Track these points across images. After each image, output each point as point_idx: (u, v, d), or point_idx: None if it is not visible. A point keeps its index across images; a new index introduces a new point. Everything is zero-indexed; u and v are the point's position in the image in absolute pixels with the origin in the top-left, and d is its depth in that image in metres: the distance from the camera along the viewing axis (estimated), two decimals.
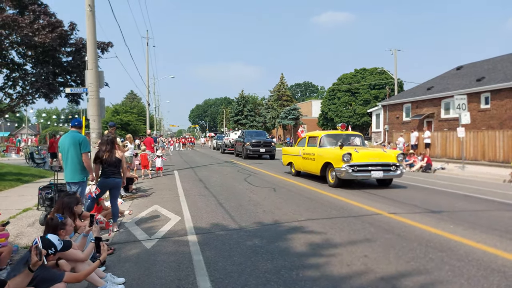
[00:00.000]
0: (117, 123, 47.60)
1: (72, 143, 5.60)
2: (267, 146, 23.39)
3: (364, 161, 10.02)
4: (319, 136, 11.90)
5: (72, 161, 5.61)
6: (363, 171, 9.93)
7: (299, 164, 12.87)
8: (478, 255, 4.49)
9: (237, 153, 26.11)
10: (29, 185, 11.02)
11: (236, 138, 27.80)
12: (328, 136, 11.91)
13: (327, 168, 10.79)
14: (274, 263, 4.33)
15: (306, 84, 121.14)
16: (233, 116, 68.95)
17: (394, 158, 10.30)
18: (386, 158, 10.34)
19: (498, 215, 6.83)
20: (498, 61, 26.16)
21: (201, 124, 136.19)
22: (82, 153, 5.64)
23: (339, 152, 10.08)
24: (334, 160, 10.19)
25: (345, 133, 12.27)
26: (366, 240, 5.21)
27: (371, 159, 10.15)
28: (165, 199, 8.92)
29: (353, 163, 9.84)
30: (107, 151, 6.02)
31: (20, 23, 13.15)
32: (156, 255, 4.72)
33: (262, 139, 23.84)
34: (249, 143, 23.19)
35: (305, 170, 12.45)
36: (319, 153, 11.26)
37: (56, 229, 3.68)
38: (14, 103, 16.06)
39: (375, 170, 10.00)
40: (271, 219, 6.62)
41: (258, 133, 26.48)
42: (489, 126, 22.46)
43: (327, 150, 10.99)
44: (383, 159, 10.29)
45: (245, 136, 24.90)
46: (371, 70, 50.69)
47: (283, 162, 14.59)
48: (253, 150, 23.01)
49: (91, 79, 11.99)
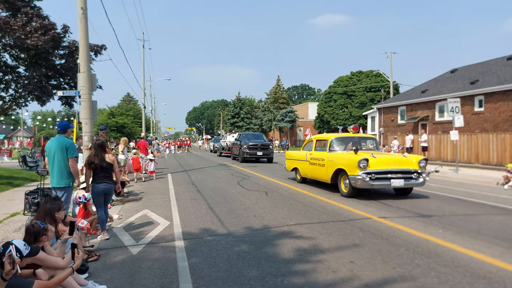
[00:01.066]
0: (113, 125, 47.44)
1: (58, 147, 5.54)
2: (265, 149, 22.64)
3: (382, 168, 8.86)
4: (328, 139, 10.67)
5: (58, 166, 5.54)
6: (381, 179, 8.78)
7: (306, 170, 11.68)
8: (465, 261, 4.47)
9: (234, 156, 25.42)
10: (19, 189, 10.92)
11: (233, 141, 27.15)
12: (339, 139, 10.70)
13: (339, 175, 9.62)
14: (260, 270, 4.29)
15: (303, 86, 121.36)
16: (230, 119, 68.99)
17: (416, 164, 9.14)
18: (407, 164, 9.15)
19: (488, 220, 6.83)
20: (492, 64, 26.30)
21: (198, 127, 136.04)
22: (69, 158, 5.58)
23: (354, 157, 8.95)
24: (348, 167, 9.04)
25: (357, 136, 11.02)
26: (354, 245, 5.18)
27: (390, 166, 8.98)
28: (156, 203, 8.85)
29: (371, 170, 8.68)
30: (95, 155, 5.93)
31: (12, 25, 13.09)
32: (142, 262, 4.67)
33: (259, 142, 23.05)
34: (246, 146, 22.52)
35: (313, 177, 11.27)
36: (329, 158, 10.03)
37: (38, 235, 3.63)
38: (7, 106, 15.96)
39: (395, 178, 8.83)
40: (261, 224, 6.58)
41: (255, 136, 25.80)
42: (483, 129, 22.55)
43: (339, 155, 9.84)
44: (403, 166, 9.09)
45: (242, 139, 24.22)
46: (367, 72, 50.83)
47: (287, 167, 13.35)
48: (250, 153, 22.33)
49: (83, 82, 11.94)
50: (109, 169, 6.00)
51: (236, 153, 24.44)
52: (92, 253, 4.79)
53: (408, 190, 9.55)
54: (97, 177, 5.94)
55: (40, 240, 3.61)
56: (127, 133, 46.69)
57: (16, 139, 76.92)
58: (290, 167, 13.12)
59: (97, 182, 5.93)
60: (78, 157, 5.77)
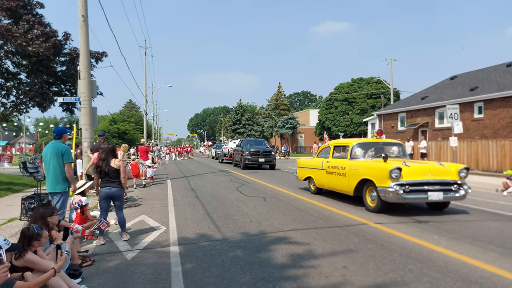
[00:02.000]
0: (114, 132, 47.62)
1: (54, 153, 5.59)
2: (267, 155, 22.09)
3: (418, 179, 7.63)
4: (350, 145, 9.43)
5: (54, 172, 5.59)
6: (417, 192, 7.54)
7: (322, 179, 10.43)
8: (458, 267, 4.47)
9: (236, 163, 24.92)
10: (18, 194, 10.96)
11: (235, 147, 26.72)
12: (362, 145, 9.46)
13: (364, 186, 8.44)
14: (253, 275, 4.30)
15: (305, 93, 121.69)
16: (231, 125, 69.14)
17: (455, 174, 7.90)
18: (445, 174, 7.89)
19: (485, 226, 6.82)
20: (491, 71, 26.37)
21: (199, 133, 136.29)
22: (65, 163, 5.63)
23: (383, 166, 7.76)
24: (376, 177, 7.86)
25: (382, 142, 9.90)
26: (348, 250, 5.19)
27: (426, 176, 7.74)
28: (153, 209, 8.88)
29: (404, 181, 7.49)
30: (102, 159, 5.98)
31: (14, 33, 13.27)
32: (135, 267, 4.68)
33: (261, 148, 22.54)
34: (247, 152, 22.02)
35: (331, 187, 10.07)
36: (352, 167, 8.84)
37: (31, 239, 3.66)
38: (8, 112, 16.09)
39: (433, 190, 7.58)
40: (257, 229, 6.59)
41: (257, 142, 25.25)
42: (483, 135, 22.54)
43: (364, 163, 8.62)
44: (441, 176, 7.83)
45: (243, 145, 23.71)
46: (367, 79, 51.02)
47: (299, 176, 12.11)
48: (251, 159, 21.80)
49: (83, 88, 12.05)
50: (114, 174, 6.02)
51: (238, 160, 24.02)
52: (86, 258, 4.81)
53: (445, 205, 8.35)
54: (102, 181, 6.02)
55: (32, 245, 3.64)
56: (128, 140, 46.85)
57: (19, 146, 77.25)
58: (303, 176, 11.84)
59: (102, 185, 6.02)
60: (73, 162, 5.81)
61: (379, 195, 7.79)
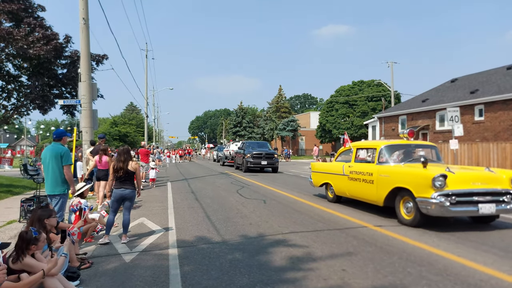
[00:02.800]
0: (115, 134, 47.72)
1: (53, 155, 5.60)
2: (270, 158, 21.73)
3: (465, 188, 6.51)
4: (377, 148, 8.27)
5: (53, 174, 5.60)
6: (465, 204, 6.43)
7: (343, 186, 9.28)
8: (457, 269, 4.45)
9: (237, 166, 24.65)
10: (18, 197, 10.95)
11: (236, 150, 26.33)
12: (393, 148, 8.29)
13: (397, 196, 7.30)
14: (251, 278, 4.29)
15: (305, 96, 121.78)
16: (232, 128, 69.16)
17: (508, 181, 6.72)
18: (496, 182, 6.71)
19: (485, 229, 6.79)
20: (492, 74, 26.36)
21: (200, 136, 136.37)
22: (64, 165, 5.64)
23: (424, 173, 6.63)
24: (414, 186, 6.73)
25: (414, 144, 8.63)
26: (347, 253, 5.17)
27: (475, 184, 6.59)
28: (153, 212, 8.87)
29: (450, 191, 6.36)
30: (122, 161, 6.02)
31: (15, 35, 13.29)
32: (134, 269, 4.68)
33: (264, 151, 22.10)
34: (249, 154, 21.63)
35: (354, 196, 8.94)
36: (382, 173, 7.70)
37: (29, 243, 3.66)
38: (9, 115, 16.13)
39: (483, 201, 6.45)
40: (256, 232, 6.58)
41: (259, 144, 24.59)
42: (484, 138, 22.51)
43: (398, 169, 7.46)
44: (491, 184, 6.66)
45: (245, 148, 23.24)
46: (368, 82, 51.03)
47: (314, 182, 10.97)
48: (254, 162, 21.39)
49: (84, 91, 12.08)
50: (127, 177, 6.09)
51: (239, 163, 23.72)
52: (85, 261, 4.80)
53: (493, 218, 7.19)
54: (116, 183, 6.09)
55: (29, 248, 3.63)
56: (129, 142, 46.92)
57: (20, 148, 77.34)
58: (319, 182, 10.63)
59: (116, 187, 6.10)
60: (72, 164, 5.82)
61: (417, 207, 6.62)
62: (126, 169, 6.01)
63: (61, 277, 3.61)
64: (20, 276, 3.10)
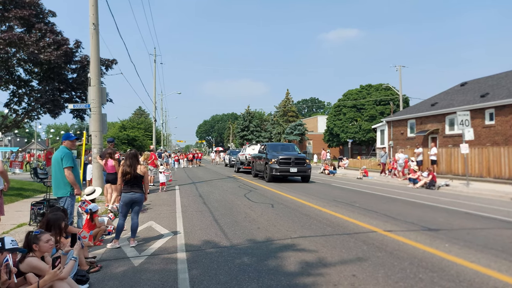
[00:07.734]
0: (124, 138, 48.07)
1: (55, 158, 5.73)
2: (300, 164, 17.37)
3: None
4: None
5: (55, 176, 5.71)
6: None
7: None
8: (470, 276, 4.36)
9: (256, 173, 20.43)
10: (28, 200, 11.05)
11: (255, 154, 22.10)
12: None
13: None
14: (260, 283, 4.25)
15: (313, 100, 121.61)
16: (239, 132, 69.29)
17: None
18: None
19: (497, 234, 6.67)
20: (502, 77, 26.04)
21: (208, 140, 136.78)
22: (64, 168, 5.70)
23: None
24: None
25: None
26: (357, 258, 5.11)
27: None
28: (162, 215, 8.88)
29: None
30: (128, 165, 6.04)
31: (26, 41, 13.52)
32: (142, 273, 4.67)
33: (292, 155, 17.57)
34: (275, 160, 17.26)
35: None
36: None
37: (30, 243, 3.68)
38: (20, 119, 16.34)
39: None
40: (264, 236, 6.54)
41: (284, 147, 20.03)
42: (494, 142, 22.20)
43: None
44: None
45: (268, 151, 18.77)
46: (376, 86, 50.75)
47: None
48: (280, 169, 17.01)
49: (93, 95, 12.21)
50: (135, 180, 6.11)
51: (259, 169, 19.58)
52: (94, 264, 4.81)
53: None
54: (125, 187, 6.10)
55: (31, 248, 3.64)
56: (138, 146, 47.21)
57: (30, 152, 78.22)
58: None
59: (124, 191, 6.10)
60: (73, 167, 5.83)
61: None
62: (133, 173, 6.03)
63: (70, 281, 3.62)
64: (26, 276, 3.09)
